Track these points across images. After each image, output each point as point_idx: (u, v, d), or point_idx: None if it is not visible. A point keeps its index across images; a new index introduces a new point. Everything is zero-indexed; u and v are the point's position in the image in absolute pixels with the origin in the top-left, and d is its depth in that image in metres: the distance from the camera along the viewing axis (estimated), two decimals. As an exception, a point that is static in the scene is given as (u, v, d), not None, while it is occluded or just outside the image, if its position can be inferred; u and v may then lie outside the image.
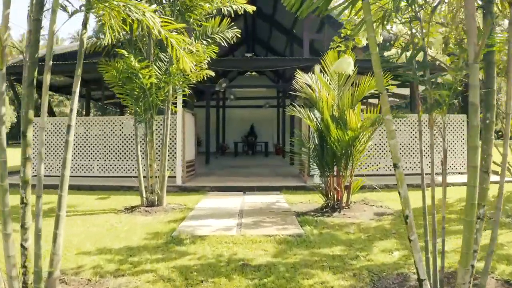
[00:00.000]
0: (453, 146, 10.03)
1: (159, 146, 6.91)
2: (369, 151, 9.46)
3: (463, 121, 10.06)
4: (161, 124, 9.78)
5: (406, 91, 14.70)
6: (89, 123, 10.29)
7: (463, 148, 10.06)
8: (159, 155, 6.63)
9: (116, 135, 10.14)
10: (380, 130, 8.32)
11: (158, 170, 6.46)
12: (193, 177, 9.71)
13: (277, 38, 16.01)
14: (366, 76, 6.04)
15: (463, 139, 10.03)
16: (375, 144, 9.85)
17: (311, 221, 5.29)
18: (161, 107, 6.37)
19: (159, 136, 7.54)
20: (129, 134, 9.98)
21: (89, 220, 5.61)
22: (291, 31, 13.31)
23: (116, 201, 7.18)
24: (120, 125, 10.08)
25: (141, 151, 6.61)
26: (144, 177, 6.39)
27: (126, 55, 5.57)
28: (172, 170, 9.30)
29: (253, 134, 21.09)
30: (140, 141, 7.23)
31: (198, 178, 9.78)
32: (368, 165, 9.23)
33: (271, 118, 21.74)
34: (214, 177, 10.01)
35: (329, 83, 6.25)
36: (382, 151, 9.98)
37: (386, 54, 3.24)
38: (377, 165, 9.68)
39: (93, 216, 5.88)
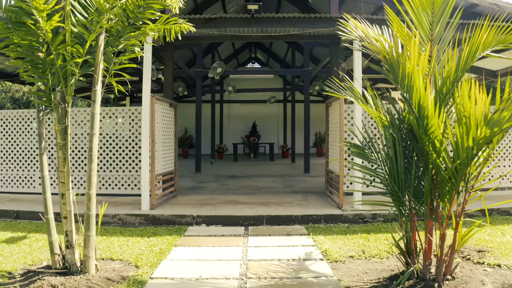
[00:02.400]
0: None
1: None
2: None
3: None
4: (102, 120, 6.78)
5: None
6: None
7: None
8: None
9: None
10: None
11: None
12: (171, 197, 6.66)
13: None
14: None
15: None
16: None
17: None
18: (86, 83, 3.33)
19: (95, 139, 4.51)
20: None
21: None
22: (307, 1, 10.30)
23: (32, 247, 4.19)
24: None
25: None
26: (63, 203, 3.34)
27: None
28: (137, 186, 6.26)
29: (256, 133, 18.04)
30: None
31: (179, 198, 6.73)
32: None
33: (277, 115, 18.73)
34: (203, 195, 6.97)
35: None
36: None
37: None
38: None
39: None
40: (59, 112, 3.07)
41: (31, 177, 7.23)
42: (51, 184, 6.81)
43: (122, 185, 6.83)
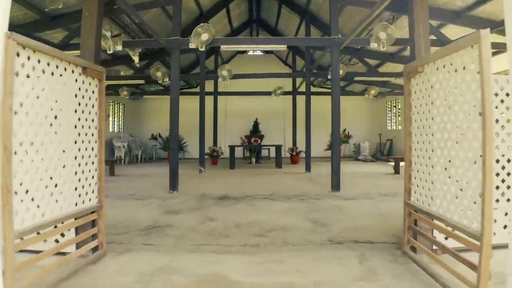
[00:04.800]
0: None
1: None
2: None
3: None
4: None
5: None
6: None
7: None
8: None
9: None
10: None
11: None
12: (87, 263, 3.21)
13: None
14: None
15: None
16: None
17: None
18: None
19: None
20: None
21: None
22: None
23: None
24: None
25: None
26: None
27: None
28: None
29: (258, 133, 14.67)
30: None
31: (104, 266, 3.28)
32: None
33: (284, 110, 15.41)
34: (158, 254, 3.56)
35: None
36: None
37: None
38: None
39: None
40: None
41: None
42: None
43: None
